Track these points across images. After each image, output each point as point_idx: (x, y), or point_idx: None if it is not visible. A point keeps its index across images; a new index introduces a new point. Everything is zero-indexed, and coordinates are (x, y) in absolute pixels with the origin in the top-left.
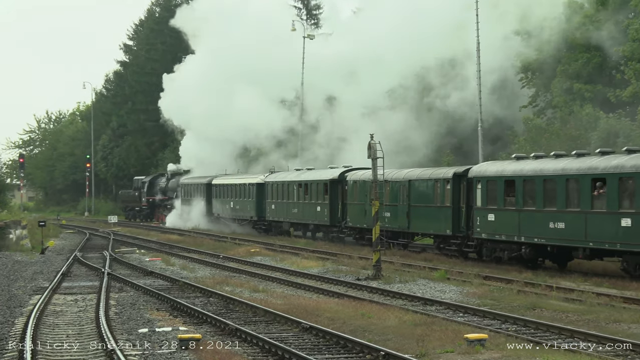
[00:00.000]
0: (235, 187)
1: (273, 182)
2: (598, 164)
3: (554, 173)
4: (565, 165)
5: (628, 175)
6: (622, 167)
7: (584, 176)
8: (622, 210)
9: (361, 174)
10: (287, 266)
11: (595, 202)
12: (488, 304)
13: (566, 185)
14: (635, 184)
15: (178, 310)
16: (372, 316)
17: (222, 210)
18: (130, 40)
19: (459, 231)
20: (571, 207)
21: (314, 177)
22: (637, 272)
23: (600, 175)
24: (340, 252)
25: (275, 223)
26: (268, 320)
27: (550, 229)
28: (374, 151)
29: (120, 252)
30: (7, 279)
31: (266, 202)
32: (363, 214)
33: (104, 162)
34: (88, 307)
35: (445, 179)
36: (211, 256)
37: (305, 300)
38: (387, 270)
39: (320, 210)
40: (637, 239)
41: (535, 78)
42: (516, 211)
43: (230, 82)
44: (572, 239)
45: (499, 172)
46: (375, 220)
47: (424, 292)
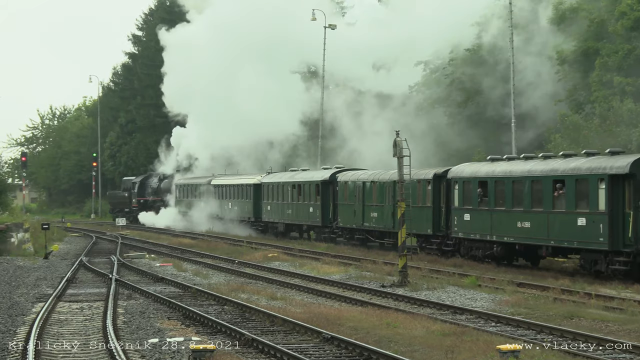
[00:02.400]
0: (233, 187)
1: (269, 183)
2: (559, 166)
3: (521, 175)
4: (531, 167)
5: (583, 177)
6: (579, 170)
7: (546, 178)
8: (578, 210)
9: (351, 174)
10: (307, 272)
11: (556, 202)
12: (522, 312)
13: (531, 187)
14: (590, 186)
15: (190, 319)
16: (397, 326)
17: (220, 210)
18: (140, 30)
19: (440, 231)
20: (536, 208)
21: (306, 178)
22: (593, 269)
23: (560, 177)
24: (363, 257)
25: (272, 224)
26: (287, 330)
27: (518, 228)
28: (400, 149)
29: (128, 257)
30: (9, 286)
31: (262, 203)
32: (352, 214)
33: (112, 160)
34: (95, 315)
35: (426, 179)
36: (226, 261)
37: (327, 309)
38: (414, 276)
39: (312, 211)
40: (590, 238)
41: (572, 71)
42: (488, 211)
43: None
44: (537, 238)
45: (474, 174)
46: (401, 223)
47: (454, 300)
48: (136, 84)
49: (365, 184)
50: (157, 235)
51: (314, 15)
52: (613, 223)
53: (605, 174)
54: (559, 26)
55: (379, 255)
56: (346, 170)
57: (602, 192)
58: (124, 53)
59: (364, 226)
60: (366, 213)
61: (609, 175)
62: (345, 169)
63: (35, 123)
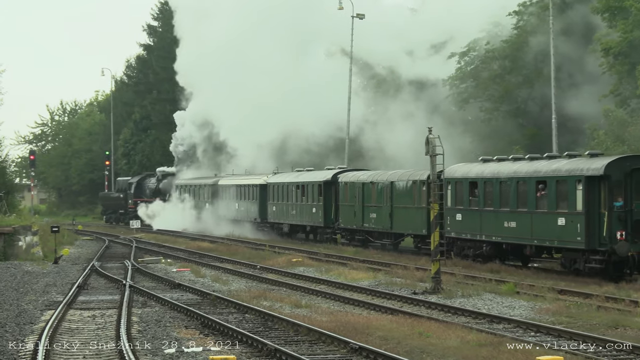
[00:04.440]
0: (239, 188)
1: (274, 184)
2: (542, 167)
3: (507, 176)
4: (517, 168)
5: (563, 179)
6: (559, 171)
7: (530, 179)
8: (558, 210)
9: (352, 175)
10: (333, 278)
11: (539, 202)
12: (563, 321)
13: (517, 188)
14: (569, 187)
15: (209, 327)
16: (430, 335)
17: (227, 211)
18: (155, 20)
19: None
20: (521, 208)
21: (310, 179)
22: (572, 268)
23: (542, 178)
24: (394, 261)
25: (277, 225)
26: (312, 340)
27: (505, 228)
28: (433, 147)
29: (143, 261)
30: (16, 292)
31: (268, 204)
32: (353, 215)
33: (125, 159)
34: (107, 324)
35: (421, 180)
36: (247, 266)
37: (355, 317)
38: (447, 282)
39: (315, 211)
40: (569, 237)
41: (617, 64)
42: (478, 211)
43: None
44: (522, 237)
45: (465, 174)
46: (434, 225)
47: (490, 307)
48: (151, 78)
49: (365, 185)
50: (174, 238)
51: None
52: (589, 223)
53: (582, 176)
54: (603, 15)
55: (410, 260)
56: (348, 171)
57: (580, 193)
58: (139, 44)
59: (363, 227)
60: (366, 214)
61: (585, 176)
62: (347, 169)
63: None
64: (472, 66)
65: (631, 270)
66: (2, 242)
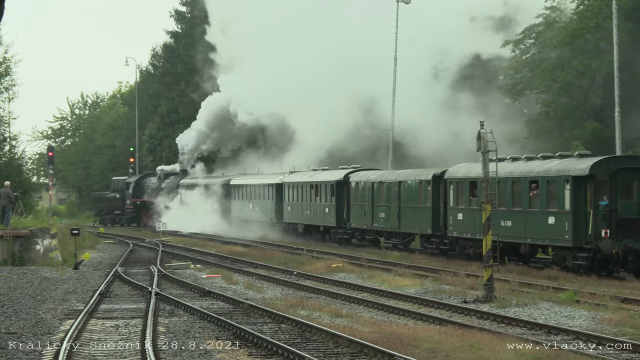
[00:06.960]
0: (254, 187)
1: (290, 183)
2: (534, 167)
3: (504, 176)
4: (513, 168)
5: (553, 179)
6: (550, 171)
7: (524, 179)
8: (549, 209)
9: (363, 174)
10: (376, 285)
11: (532, 202)
12: (627, 333)
13: (512, 187)
14: (558, 187)
15: (242, 339)
16: (482, 347)
17: (241, 212)
18: (183, 5)
19: (439, 230)
20: (516, 207)
21: (323, 178)
22: (563, 265)
23: (535, 178)
24: (442, 267)
25: (292, 225)
26: (353, 353)
27: (502, 227)
28: (485, 143)
29: (170, 267)
30: (34, 300)
31: (283, 204)
32: (363, 214)
33: (151, 155)
34: (132, 335)
35: (426, 180)
36: (283, 272)
37: (400, 328)
38: (501, 290)
39: (328, 211)
40: (559, 235)
41: None
42: (478, 210)
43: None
44: (517, 236)
45: (466, 174)
46: (486, 228)
47: (547, 318)
48: (179, 68)
49: (375, 185)
50: (203, 242)
51: None
52: (576, 221)
53: (570, 176)
54: None
55: (459, 265)
56: (359, 170)
57: (568, 193)
58: (165, 32)
59: (373, 226)
60: (375, 213)
61: (572, 176)
62: (360, 168)
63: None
64: (527, 55)
65: (616, 267)
66: (18, 246)
